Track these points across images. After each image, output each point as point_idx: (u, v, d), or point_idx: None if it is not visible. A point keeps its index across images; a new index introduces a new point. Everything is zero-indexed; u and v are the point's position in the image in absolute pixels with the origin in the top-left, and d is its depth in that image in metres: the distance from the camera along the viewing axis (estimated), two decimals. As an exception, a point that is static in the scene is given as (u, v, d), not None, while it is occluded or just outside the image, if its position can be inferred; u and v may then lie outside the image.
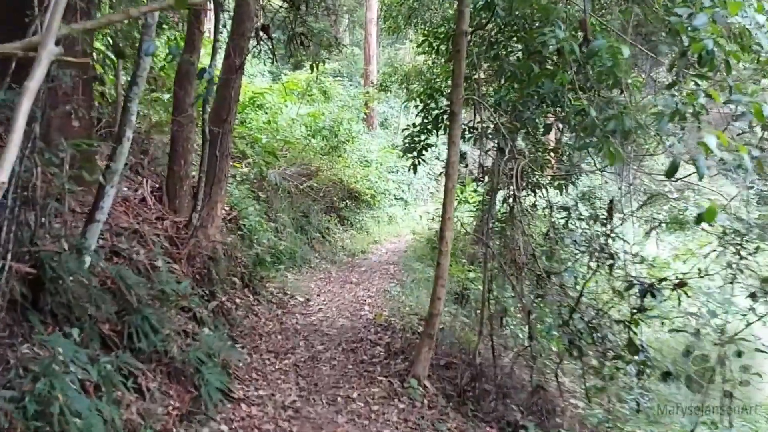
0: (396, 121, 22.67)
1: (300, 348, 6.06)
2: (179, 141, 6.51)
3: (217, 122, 6.68)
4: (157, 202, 6.53)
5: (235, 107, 6.84)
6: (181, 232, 6.21)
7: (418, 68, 14.12)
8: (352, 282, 10.44)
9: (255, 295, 7.22)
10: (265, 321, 6.63)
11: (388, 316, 7.79)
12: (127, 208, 6.02)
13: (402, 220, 18.28)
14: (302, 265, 10.68)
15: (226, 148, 6.86)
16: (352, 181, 15.06)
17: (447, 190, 5.51)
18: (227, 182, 7.08)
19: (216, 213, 6.81)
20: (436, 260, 5.57)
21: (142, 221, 5.92)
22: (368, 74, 20.33)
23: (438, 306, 5.52)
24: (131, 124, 4.04)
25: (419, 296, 10.08)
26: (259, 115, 12.70)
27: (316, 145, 13.97)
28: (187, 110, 6.43)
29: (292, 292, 8.13)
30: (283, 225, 11.00)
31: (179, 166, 6.55)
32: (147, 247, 5.41)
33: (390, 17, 10.97)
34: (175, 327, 4.55)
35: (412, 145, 7.06)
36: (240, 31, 6.54)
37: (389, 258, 13.78)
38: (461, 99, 5.42)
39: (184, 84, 6.45)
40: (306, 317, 7.27)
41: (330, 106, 15.22)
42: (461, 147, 6.11)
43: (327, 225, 13.47)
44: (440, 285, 5.52)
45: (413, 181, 20.36)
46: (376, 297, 9.11)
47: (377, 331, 7.02)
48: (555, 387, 5.82)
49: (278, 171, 11.54)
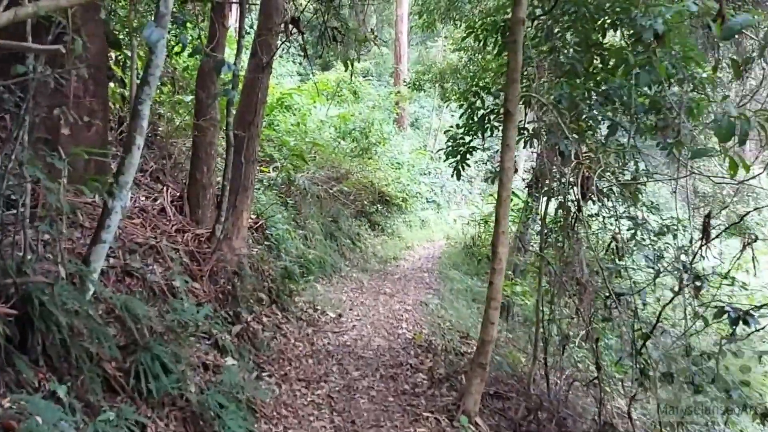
0: (428, 121, 21.97)
1: (333, 375, 5.46)
2: (201, 146, 5.97)
3: (243, 125, 6.14)
4: (178, 212, 6.01)
5: (262, 109, 6.27)
6: (203, 246, 5.67)
7: (453, 66, 13.45)
8: (385, 293, 9.82)
9: (283, 311, 6.65)
10: (295, 342, 6.04)
11: (428, 335, 7.14)
12: (144, 220, 5.50)
13: (435, 224, 17.58)
14: (332, 275, 10.10)
15: (252, 153, 6.30)
16: (383, 184, 14.45)
17: (501, 199, 4.83)
18: (253, 189, 6.52)
19: (241, 223, 6.26)
20: (489, 279, 4.90)
21: (161, 234, 5.39)
22: (399, 73, 19.72)
23: (491, 332, 4.85)
24: (142, 130, 3.48)
25: (459, 309, 9.42)
26: (287, 117, 12.17)
27: (346, 147, 13.39)
28: (209, 113, 5.89)
29: (323, 307, 7.54)
30: (312, 232, 10.43)
31: (202, 174, 6.01)
32: (165, 265, 4.87)
33: (426, 11, 10.31)
34: (194, 360, 3.98)
35: (455, 149, 6.40)
36: (267, 26, 5.96)
37: (423, 265, 13.13)
38: (517, 96, 4.73)
39: (206, 84, 5.91)
40: (338, 336, 6.66)
41: (360, 107, 14.62)
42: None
43: (357, 231, 12.88)
44: (493, 308, 4.85)
45: (446, 184, 19.64)
46: (413, 311, 8.46)
47: (417, 353, 6.38)
48: (625, 424, 5.09)
49: (307, 175, 10.98)
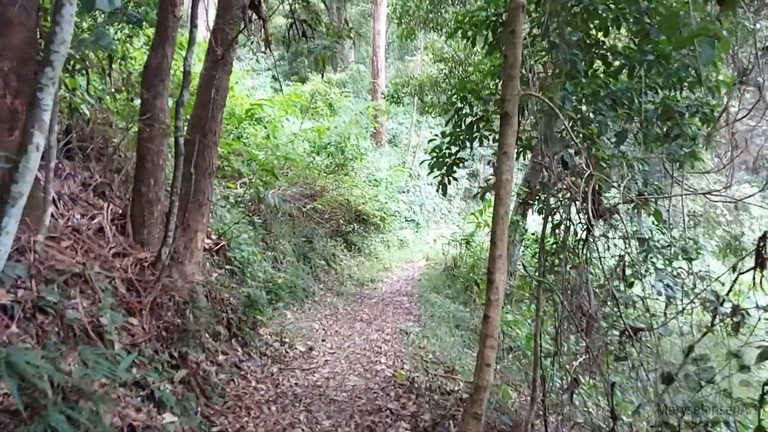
0: (407, 137, 21.34)
1: (300, 425, 4.59)
2: (148, 155, 5.12)
3: (198, 131, 5.33)
4: (119, 233, 5.13)
5: (220, 113, 5.48)
6: (146, 273, 4.80)
7: (433, 78, 12.84)
8: (362, 319, 8.99)
9: (245, 347, 5.78)
10: (256, 385, 5.17)
11: (410, 371, 6.32)
12: (76, 242, 4.61)
13: (414, 244, 16.83)
14: (304, 300, 9.25)
15: (209, 164, 5.49)
16: (360, 202, 13.70)
17: (497, 217, 4.07)
18: (210, 205, 5.69)
19: (195, 245, 5.41)
20: (484, 312, 4.11)
21: (94, 259, 4.51)
22: (376, 88, 19.09)
23: (487, 376, 4.04)
24: (42, 126, 2.66)
25: (441, 338, 8.61)
26: (258, 130, 11.37)
27: (321, 162, 12.61)
28: (158, 116, 5.07)
29: (291, 339, 6.68)
30: (282, 253, 9.58)
31: (148, 187, 5.16)
32: (93, 297, 4.00)
33: (405, 14, 9.66)
34: (116, 423, 3.11)
35: (441, 160, 5.67)
36: (226, 16, 5.20)
37: (402, 288, 12.34)
38: (517, 96, 4.02)
39: (153, 83, 5.09)
40: (308, 374, 5.80)
41: (336, 120, 13.88)
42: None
43: (332, 251, 12.06)
44: (489, 347, 4.05)
45: (425, 202, 18.95)
46: (392, 341, 7.64)
47: (398, 393, 5.56)
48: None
49: (278, 191, 10.15)
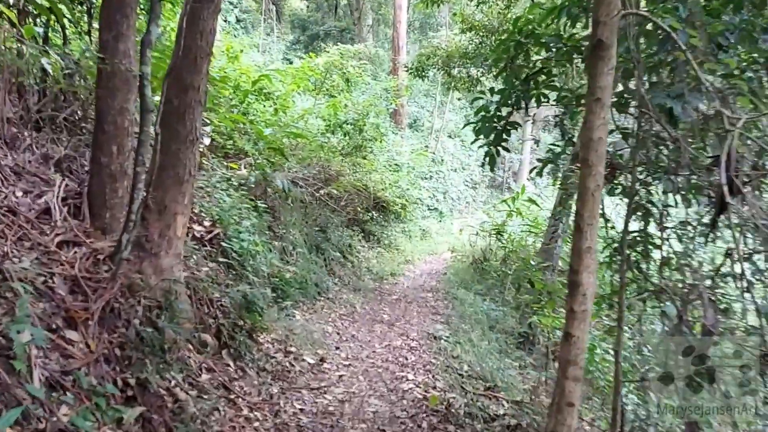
0: (429, 120, 20.00)
1: (304, 475, 3.41)
2: (108, 115, 3.93)
3: (176, 87, 4.13)
4: (73, 216, 3.97)
5: (206, 64, 4.27)
6: (101, 268, 3.63)
7: (461, 49, 11.52)
8: (383, 320, 7.80)
9: (238, 360, 4.60)
10: (249, 413, 3.98)
11: (444, 390, 5.10)
12: (9, 226, 3.46)
13: (437, 234, 15.58)
14: (316, 297, 8.06)
15: (191, 129, 4.28)
16: (380, 188, 12.47)
17: (585, 193, 2.82)
18: (195, 183, 4.50)
19: (174, 233, 4.22)
20: (565, 329, 2.87)
21: (28, 250, 3.35)
22: (397, 66, 17.75)
23: (569, 419, 2.83)
24: None
25: (476, 344, 7.37)
26: (266, 106, 10.16)
27: (336, 143, 11.37)
28: (121, 61, 3.87)
29: (299, 348, 5.49)
30: (292, 244, 8.38)
31: (109, 157, 3.97)
32: (7, 304, 2.83)
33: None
34: None
35: (488, 125, 4.41)
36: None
37: (426, 283, 11.11)
38: (617, 16, 2.74)
39: (115, 20, 3.89)
40: (318, 396, 4.61)
41: (353, 97, 12.63)
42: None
43: (349, 242, 10.85)
44: (572, 378, 2.83)
45: (449, 189, 17.68)
46: (420, 349, 6.43)
47: (432, 424, 4.34)
48: None
49: (287, 174, 8.95)
